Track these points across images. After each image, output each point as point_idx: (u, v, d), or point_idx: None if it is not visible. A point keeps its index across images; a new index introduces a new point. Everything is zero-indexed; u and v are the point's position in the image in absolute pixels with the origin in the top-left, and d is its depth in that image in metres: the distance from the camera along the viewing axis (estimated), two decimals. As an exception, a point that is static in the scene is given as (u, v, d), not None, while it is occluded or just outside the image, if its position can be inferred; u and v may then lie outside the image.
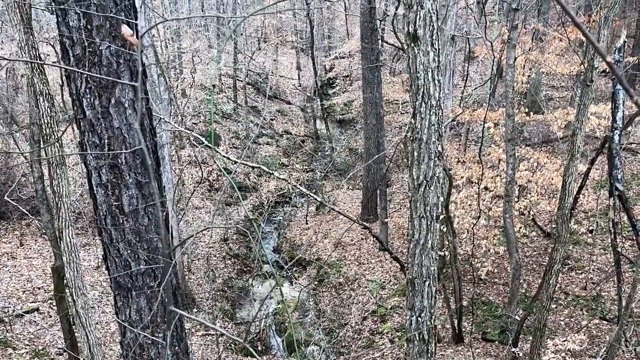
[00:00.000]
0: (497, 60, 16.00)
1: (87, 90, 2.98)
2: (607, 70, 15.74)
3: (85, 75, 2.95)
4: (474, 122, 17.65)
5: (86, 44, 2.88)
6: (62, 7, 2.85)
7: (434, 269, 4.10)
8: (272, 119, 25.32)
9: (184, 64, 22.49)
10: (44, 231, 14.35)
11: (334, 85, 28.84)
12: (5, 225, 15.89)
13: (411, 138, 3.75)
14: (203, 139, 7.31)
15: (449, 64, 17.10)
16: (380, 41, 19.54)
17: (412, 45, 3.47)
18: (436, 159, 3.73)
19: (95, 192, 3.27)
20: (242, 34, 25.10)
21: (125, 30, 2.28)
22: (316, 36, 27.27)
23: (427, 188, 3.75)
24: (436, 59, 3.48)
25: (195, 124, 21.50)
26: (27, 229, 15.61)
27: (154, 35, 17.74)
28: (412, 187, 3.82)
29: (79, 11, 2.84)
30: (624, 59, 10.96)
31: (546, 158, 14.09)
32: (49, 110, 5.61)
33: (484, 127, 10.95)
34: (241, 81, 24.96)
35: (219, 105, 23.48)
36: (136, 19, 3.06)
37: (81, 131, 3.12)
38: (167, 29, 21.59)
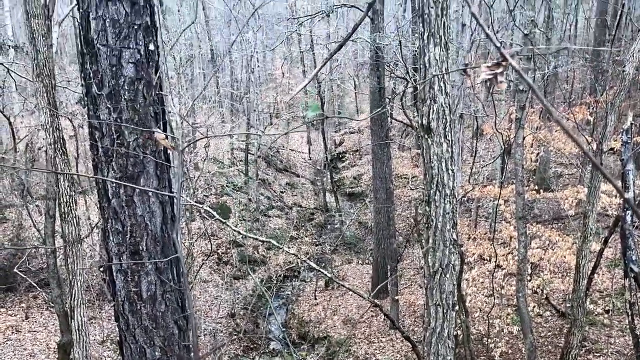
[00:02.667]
0: (506, 139, 16.28)
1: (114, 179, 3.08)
2: (616, 148, 15.91)
3: (111, 165, 3.06)
4: (484, 198, 17.74)
5: (115, 137, 3.01)
6: (94, 101, 3.01)
7: (451, 358, 4.03)
8: (282, 192, 25.53)
9: (197, 138, 22.99)
10: (51, 304, 14.23)
11: (344, 159, 29.26)
12: (12, 297, 15.80)
13: (426, 225, 3.80)
14: (214, 212, 7.37)
15: (458, 140, 17.40)
16: (389, 118, 20.01)
17: (426, 136, 3.58)
18: (451, 246, 3.76)
19: (114, 277, 3.30)
20: (255, 110, 25.79)
21: (159, 136, 2.40)
22: (326, 112, 27.94)
23: (443, 276, 3.76)
24: (449, 150, 3.59)
25: (206, 196, 21.72)
26: (34, 301, 15.50)
27: (169, 111, 18.30)
28: (427, 274, 3.83)
29: (109, 106, 2.99)
30: (632, 139, 11.11)
31: (558, 236, 14.02)
32: (68, 190, 5.74)
33: (496, 207, 10.99)
34: (253, 154, 25.40)
35: (230, 178, 23.78)
36: (164, 115, 3.21)
37: (105, 218, 3.19)
38: (183, 105, 22.26)
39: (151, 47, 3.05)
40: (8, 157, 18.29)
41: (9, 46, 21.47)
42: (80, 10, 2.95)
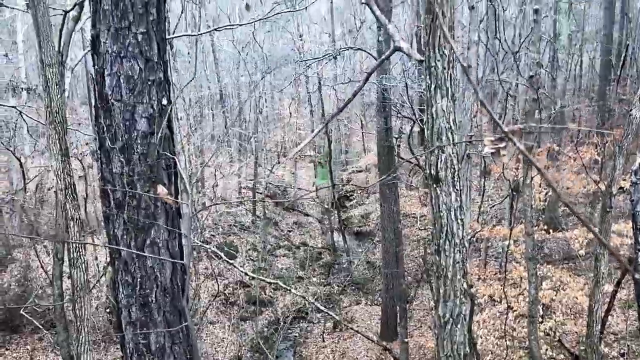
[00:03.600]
0: (514, 178, 16.28)
1: (125, 232, 3.10)
2: (625, 187, 15.84)
3: (122, 217, 3.09)
4: (493, 238, 17.63)
5: (127, 189, 3.05)
6: (107, 155, 3.06)
7: (463, 410, 3.94)
8: (289, 231, 25.48)
9: (206, 178, 23.15)
10: (57, 347, 14.09)
11: (351, 197, 29.26)
12: (17, 338, 15.67)
13: (436, 275, 3.78)
14: (221, 254, 7.37)
15: (465, 180, 17.41)
16: (396, 158, 20.09)
17: (435, 186, 3.60)
18: (462, 296, 3.72)
19: (124, 329, 3.29)
20: (262, 149, 26.00)
21: (161, 190, 2.43)
22: (334, 151, 28.11)
23: (454, 326, 3.71)
24: (458, 199, 3.59)
25: (213, 235, 21.70)
26: (39, 343, 15.36)
27: (178, 152, 18.49)
28: (438, 325, 3.79)
29: (122, 159, 3.04)
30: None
31: (569, 277, 13.86)
32: (78, 235, 5.77)
33: (507, 247, 10.93)
34: (260, 193, 25.47)
35: (238, 217, 23.80)
36: (175, 167, 3.25)
37: (115, 270, 3.21)
38: (192, 145, 22.47)
39: (164, 101, 3.12)
40: (18, 197, 18.45)
41: (22, 89, 21.92)
42: (96, 66, 3.03)
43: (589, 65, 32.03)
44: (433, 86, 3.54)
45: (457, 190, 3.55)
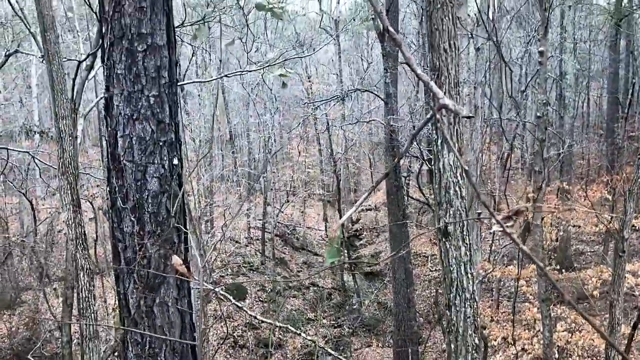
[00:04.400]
0: (524, 218, 16.18)
1: (134, 290, 3.11)
2: (638, 226, 15.67)
3: (132, 277, 3.10)
4: (504, 277, 17.42)
5: (137, 248, 3.08)
6: (119, 214, 3.10)
7: None
8: (299, 271, 25.31)
9: (215, 218, 23.18)
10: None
11: (361, 237, 29.14)
12: (24, 383, 15.51)
13: (447, 330, 3.73)
14: (230, 297, 7.30)
15: (476, 219, 17.28)
16: (405, 197, 20.08)
17: (444, 240, 3.60)
18: (474, 351, 3.67)
19: (132, 389, 3.26)
20: (272, 189, 26.09)
21: (176, 260, 2.46)
22: (342, 190, 28.15)
23: (467, 382, 3.65)
24: (468, 253, 3.58)
25: (222, 276, 21.61)
26: (47, 388, 15.20)
27: (188, 193, 18.61)
28: (450, 381, 3.72)
29: (133, 219, 3.08)
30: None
31: (584, 318, 13.62)
32: (88, 284, 5.78)
33: (516, 288, 10.80)
34: (269, 233, 25.42)
35: (247, 257, 23.72)
36: (185, 225, 3.28)
37: (124, 328, 3.20)
38: (201, 185, 22.59)
39: (175, 161, 3.17)
40: (28, 240, 18.54)
41: (35, 132, 22.30)
42: (109, 128, 3.09)
43: (596, 103, 32.20)
44: (440, 141, 3.58)
45: (466, 244, 3.54)
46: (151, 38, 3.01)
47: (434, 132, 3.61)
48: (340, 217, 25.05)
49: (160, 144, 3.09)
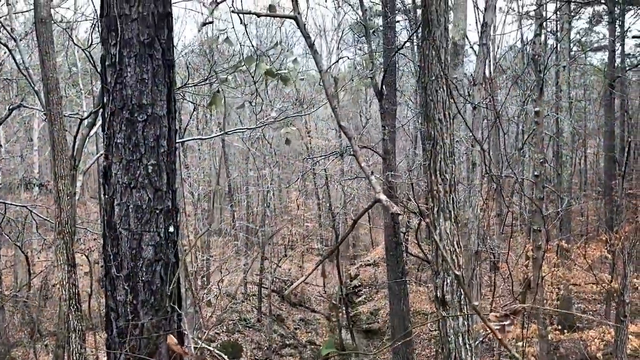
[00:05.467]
0: (524, 276, 16.04)
1: (126, 362, 3.05)
2: (638, 287, 15.50)
3: (124, 347, 3.04)
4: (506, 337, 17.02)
5: (130, 318, 3.03)
6: (112, 282, 3.07)
7: None
8: (296, 328, 24.83)
9: (211, 273, 22.96)
10: None
11: (360, 293, 28.74)
12: None
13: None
14: (224, 356, 7.13)
15: (475, 277, 17.13)
16: (404, 253, 19.94)
17: (442, 309, 3.55)
18: None
19: None
20: (269, 243, 25.93)
21: (171, 340, 2.42)
22: (341, 245, 27.98)
23: None
24: (466, 323, 3.53)
25: (217, 333, 21.19)
26: None
27: (185, 247, 18.49)
28: None
29: (127, 287, 3.05)
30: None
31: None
32: (79, 347, 5.66)
33: (523, 350, 10.57)
34: (266, 288, 25.10)
35: (243, 314, 23.33)
36: (179, 292, 3.25)
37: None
38: (199, 238, 22.46)
39: (171, 229, 3.17)
40: (21, 294, 18.26)
41: (34, 184, 22.34)
42: (106, 196, 3.11)
43: (593, 161, 32.51)
44: (436, 209, 3.59)
45: (464, 314, 3.50)
46: (152, 108, 3.06)
47: (430, 200, 3.63)
48: (339, 272, 24.86)
49: (157, 211, 3.10)
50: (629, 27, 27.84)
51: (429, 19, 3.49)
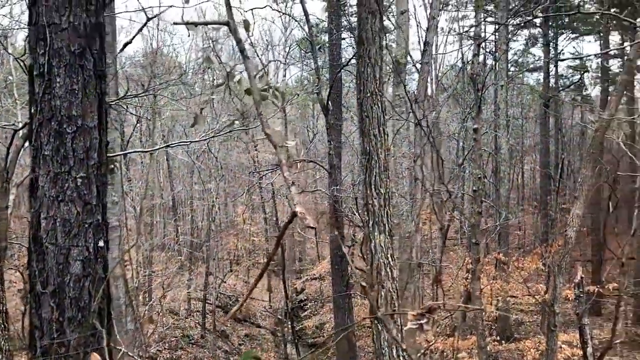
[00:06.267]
0: (464, 289, 16.44)
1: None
2: (571, 298, 16.16)
3: (50, 366, 2.94)
4: (447, 349, 17.40)
5: (55, 335, 2.93)
6: (37, 299, 2.96)
7: None
8: (240, 344, 24.49)
9: (154, 288, 22.40)
10: None
11: (306, 307, 28.67)
12: None
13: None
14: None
15: (418, 289, 17.47)
16: (349, 267, 20.07)
17: (376, 322, 3.61)
18: None
19: None
20: (214, 258, 25.56)
21: (95, 358, 2.36)
22: (287, 259, 27.89)
23: None
24: (399, 334, 3.60)
25: (160, 350, 20.64)
26: None
27: (126, 263, 17.98)
28: None
29: (52, 304, 2.95)
30: (584, 292, 11.34)
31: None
32: (5, 368, 5.39)
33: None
34: (211, 304, 24.68)
35: (186, 330, 22.84)
36: (109, 307, 3.17)
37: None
38: (140, 254, 21.92)
39: (100, 243, 3.09)
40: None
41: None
42: (32, 209, 3.01)
43: (529, 176, 33.84)
44: (371, 222, 3.66)
45: (398, 325, 3.56)
46: (82, 120, 3.00)
47: (365, 214, 3.70)
48: (285, 286, 24.73)
49: (86, 225, 3.02)
50: (562, 50, 29.29)
51: (364, 38, 3.58)
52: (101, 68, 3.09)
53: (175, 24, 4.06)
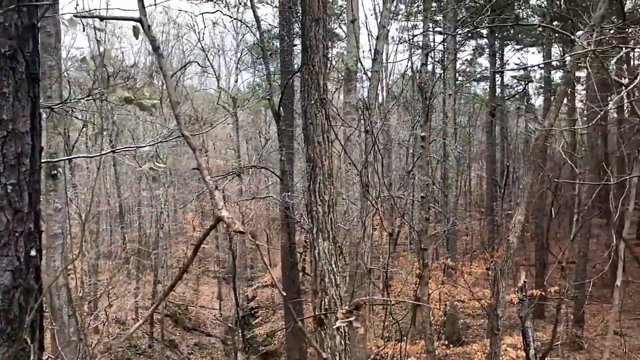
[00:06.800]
0: (413, 294, 16.68)
1: (-25, 399, 2.79)
2: (515, 301, 16.65)
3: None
4: (396, 354, 17.59)
5: (-18, 350, 2.79)
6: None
7: None
8: (190, 353, 24.06)
9: (99, 298, 21.74)
10: None
11: (257, 315, 28.44)
12: None
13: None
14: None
15: (367, 295, 17.56)
16: (300, 273, 20.10)
17: (319, 329, 3.60)
18: None
19: None
20: (163, 266, 25.05)
21: None
22: (238, 266, 27.65)
23: None
24: (343, 342, 3.60)
25: (105, 362, 20.03)
26: None
27: (70, 272, 17.38)
28: None
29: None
30: (527, 296, 11.68)
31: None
32: None
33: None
34: (159, 313, 24.14)
35: (133, 340, 22.24)
36: (42, 321, 3.04)
37: None
38: (85, 263, 21.26)
39: (32, 252, 2.97)
40: None
41: None
42: (-42, 217, 2.86)
43: (477, 183, 34.75)
44: (315, 229, 3.66)
45: (341, 333, 3.57)
46: (12, 124, 2.87)
47: (310, 221, 3.70)
48: (235, 294, 24.48)
49: (17, 234, 2.89)
50: (508, 60, 30.28)
51: (308, 45, 3.59)
52: (34, 71, 2.97)
53: (77, 16, 3.84)
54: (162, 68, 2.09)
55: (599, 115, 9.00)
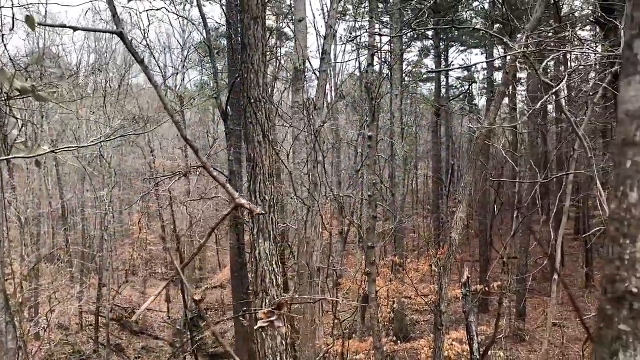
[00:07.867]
0: (362, 291, 16.85)
1: None
2: (460, 296, 17.08)
3: None
4: (346, 351, 17.72)
5: None
6: None
7: None
8: (137, 357, 23.51)
9: (41, 303, 20.96)
10: None
11: (206, 317, 28.06)
12: None
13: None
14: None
15: (318, 293, 17.60)
16: (249, 274, 19.88)
17: (260, 330, 3.59)
18: None
19: None
20: (108, 269, 24.36)
21: None
22: (187, 268, 27.21)
23: None
24: (284, 342, 3.60)
25: (47, 369, 19.33)
26: None
27: (8, 277, 16.66)
28: None
29: None
30: (470, 292, 11.99)
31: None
32: None
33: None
34: (104, 317, 23.48)
35: (77, 346, 21.57)
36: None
37: None
38: (25, 266, 20.46)
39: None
40: None
41: None
42: None
43: (423, 182, 35.42)
44: (256, 230, 3.64)
45: (282, 334, 3.57)
46: None
47: (250, 221, 3.67)
48: (184, 296, 24.08)
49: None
50: (452, 62, 31.00)
51: (247, 44, 3.56)
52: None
53: (46, 25, 3.75)
54: (150, 80, 2.02)
55: (527, 115, 9.35)
